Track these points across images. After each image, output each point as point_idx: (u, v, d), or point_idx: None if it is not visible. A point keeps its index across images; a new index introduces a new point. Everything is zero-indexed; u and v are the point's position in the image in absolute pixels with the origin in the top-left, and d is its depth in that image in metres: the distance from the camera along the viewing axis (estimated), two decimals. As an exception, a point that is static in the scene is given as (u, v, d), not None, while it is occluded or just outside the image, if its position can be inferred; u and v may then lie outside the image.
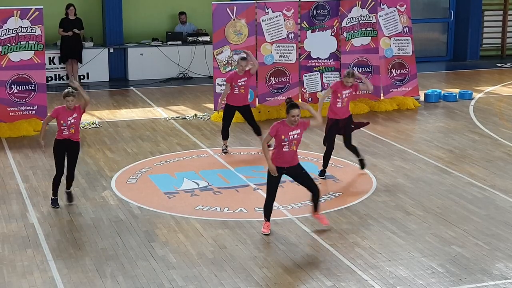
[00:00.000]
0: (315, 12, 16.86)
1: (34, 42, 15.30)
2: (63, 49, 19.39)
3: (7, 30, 15.13)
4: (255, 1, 16.63)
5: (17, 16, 15.15)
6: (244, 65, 13.38)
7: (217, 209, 10.97)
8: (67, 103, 10.67)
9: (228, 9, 16.25)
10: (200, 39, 20.58)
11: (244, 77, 13.40)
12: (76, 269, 8.98)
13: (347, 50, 17.05)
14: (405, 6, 17.55)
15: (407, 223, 10.40)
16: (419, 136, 14.99)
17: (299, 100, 16.88)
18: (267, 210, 10.01)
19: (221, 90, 15.31)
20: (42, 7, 15.49)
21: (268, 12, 16.43)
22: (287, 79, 16.71)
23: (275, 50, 16.60)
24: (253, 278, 8.77)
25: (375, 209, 10.94)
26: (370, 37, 17.25)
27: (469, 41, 23.16)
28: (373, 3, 17.17)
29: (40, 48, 15.37)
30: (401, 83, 17.64)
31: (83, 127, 15.20)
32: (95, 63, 19.99)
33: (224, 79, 14.46)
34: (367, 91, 12.39)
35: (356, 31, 17.10)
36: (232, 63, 16.02)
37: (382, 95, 17.52)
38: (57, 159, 10.93)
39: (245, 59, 13.48)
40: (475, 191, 11.67)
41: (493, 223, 10.39)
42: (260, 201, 10.15)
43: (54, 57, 19.62)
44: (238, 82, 13.37)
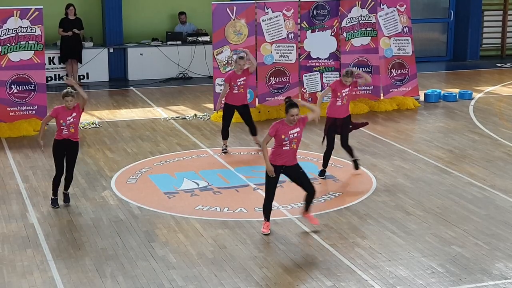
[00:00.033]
0: (315, 12, 16.86)
1: (34, 42, 15.29)
2: (63, 49, 19.38)
3: (7, 30, 15.12)
4: (255, 1, 16.63)
5: (17, 16, 15.14)
6: (242, 64, 13.37)
7: (217, 209, 10.97)
8: (66, 103, 10.70)
9: (228, 9, 16.24)
10: (200, 39, 20.58)
11: (243, 76, 13.40)
12: (76, 269, 8.98)
13: (347, 50, 17.04)
14: (405, 6, 17.55)
15: (407, 223, 10.40)
16: (419, 136, 14.99)
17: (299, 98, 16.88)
18: (266, 209, 10.01)
19: (221, 90, 15.29)
20: (42, 7, 15.49)
21: (268, 12, 16.43)
22: (287, 79, 16.70)
23: (275, 50, 16.60)
24: (253, 278, 8.76)
25: (375, 209, 10.93)
26: (370, 37, 17.24)
27: (469, 41, 23.15)
28: (373, 3, 17.17)
29: (40, 48, 15.36)
30: (401, 83, 17.64)
31: (83, 127, 15.21)
32: (95, 63, 19.99)
33: (223, 79, 14.46)
34: (366, 83, 12.33)
35: (356, 31, 17.09)
36: (232, 63, 16.01)
37: (382, 95, 17.52)
38: (56, 159, 10.94)
39: (243, 58, 13.47)
40: (475, 191, 11.67)
41: (493, 223, 10.39)
42: (260, 201, 10.15)
43: (54, 57, 19.61)
44: (237, 81, 13.37)
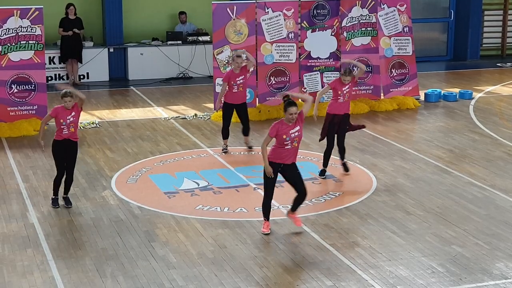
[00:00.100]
0: (315, 11, 16.86)
1: (34, 41, 15.29)
2: (63, 48, 19.38)
3: (7, 29, 15.12)
4: (255, 1, 16.63)
5: (17, 15, 15.14)
6: (239, 62, 13.36)
7: (217, 208, 10.97)
8: (65, 103, 10.68)
9: (228, 9, 16.24)
10: (200, 38, 20.58)
11: (241, 75, 13.39)
12: (76, 269, 8.98)
13: (347, 49, 17.04)
14: (405, 5, 17.55)
15: (407, 222, 10.40)
16: (419, 135, 14.98)
17: (299, 100, 16.86)
18: (265, 209, 10.02)
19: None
20: (42, 6, 15.48)
21: (268, 11, 16.43)
22: (287, 78, 16.70)
23: (275, 49, 16.60)
24: (253, 277, 8.76)
25: (375, 209, 10.93)
26: (370, 37, 17.24)
27: (469, 40, 23.14)
28: (373, 2, 17.16)
29: (40, 47, 15.36)
30: (401, 82, 17.64)
31: (83, 127, 15.21)
32: (95, 63, 19.98)
33: (222, 79, 14.43)
34: (362, 74, 12.29)
35: (356, 31, 17.09)
36: (232, 63, 16.00)
37: (382, 94, 17.52)
38: (57, 160, 10.91)
39: (240, 56, 13.47)
40: (475, 191, 11.66)
41: (493, 222, 10.39)
42: (260, 200, 10.15)
43: (54, 57, 19.61)
44: (236, 80, 13.36)
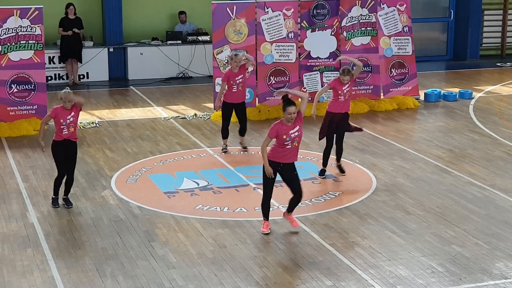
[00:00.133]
0: (315, 11, 16.86)
1: (34, 41, 15.29)
2: (63, 48, 19.38)
3: (7, 29, 15.11)
4: (255, 1, 16.63)
5: (16, 15, 15.14)
6: (238, 61, 13.35)
7: (217, 208, 10.97)
8: (64, 104, 10.66)
9: (228, 9, 16.24)
10: (200, 38, 20.57)
11: (240, 74, 13.38)
12: (76, 269, 8.98)
13: (347, 49, 17.03)
14: (405, 5, 17.54)
15: (407, 222, 10.40)
16: (419, 135, 14.98)
17: (299, 99, 16.85)
18: (264, 208, 10.03)
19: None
20: (41, 6, 15.48)
21: (268, 11, 16.43)
22: (287, 78, 16.70)
23: (275, 49, 16.60)
24: (253, 277, 8.76)
25: (375, 209, 10.93)
26: (370, 37, 17.24)
27: (469, 40, 23.14)
28: (373, 2, 17.16)
29: (39, 47, 15.36)
30: (401, 82, 17.64)
31: (83, 127, 15.21)
32: (95, 63, 19.98)
33: (221, 78, 14.42)
34: (359, 71, 12.28)
35: (356, 31, 17.09)
36: (230, 62, 15.98)
37: (382, 94, 17.52)
38: (58, 161, 10.88)
39: (238, 55, 13.47)
40: (475, 191, 11.66)
41: (493, 222, 10.39)
42: (260, 200, 10.15)
43: (54, 57, 19.61)
44: (235, 79, 13.34)
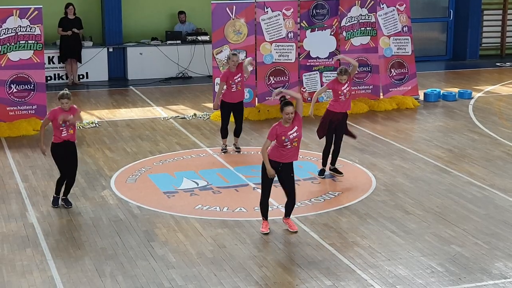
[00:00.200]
0: (314, 11, 16.86)
1: (33, 41, 15.29)
2: (62, 48, 19.38)
3: (6, 29, 15.11)
4: (254, 1, 16.63)
5: (16, 15, 15.14)
6: (235, 60, 13.35)
7: (216, 208, 10.97)
8: (62, 105, 10.60)
9: (227, 9, 16.24)
10: (199, 38, 20.57)
11: (238, 73, 13.36)
12: (75, 269, 8.98)
13: (347, 49, 17.03)
14: (405, 5, 17.54)
15: (406, 222, 10.40)
16: (419, 135, 14.99)
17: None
18: (263, 208, 10.04)
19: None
20: (41, 6, 15.48)
21: (267, 11, 16.42)
22: (286, 78, 16.71)
23: (275, 49, 16.60)
24: (253, 277, 8.76)
25: (375, 209, 10.93)
26: (369, 37, 17.24)
27: (469, 40, 23.15)
28: (373, 2, 17.16)
29: (39, 47, 15.36)
30: (401, 82, 17.64)
31: (83, 127, 15.20)
32: (94, 63, 19.98)
33: (219, 78, 14.40)
34: (355, 69, 12.26)
35: (355, 31, 17.09)
36: (228, 61, 15.98)
37: (381, 94, 17.52)
38: (59, 163, 10.85)
39: (236, 55, 13.48)
40: (474, 191, 11.67)
41: (492, 222, 10.39)
42: (259, 200, 10.15)
43: (53, 57, 19.60)
44: (234, 79, 13.32)
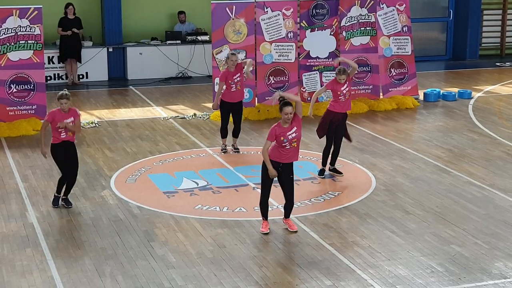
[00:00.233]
0: (314, 11, 16.86)
1: (33, 41, 15.29)
2: (62, 48, 19.38)
3: (6, 29, 15.11)
4: (254, 1, 16.62)
5: (16, 15, 15.13)
6: (234, 59, 13.33)
7: (216, 208, 10.97)
8: (61, 106, 10.56)
9: (227, 8, 16.24)
10: (199, 38, 20.57)
11: (237, 73, 13.35)
12: (75, 269, 8.98)
13: (346, 49, 17.04)
14: (404, 5, 17.55)
15: (406, 222, 10.40)
16: (419, 135, 14.99)
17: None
18: (263, 208, 10.05)
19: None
20: (41, 6, 15.47)
21: (267, 11, 16.43)
22: (286, 78, 16.71)
23: (274, 49, 16.60)
24: (253, 277, 8.76)
25: (375, 208, 10.93)
26: (369, 36, 17.25)
27: (469, 40, 23.16)
28: (372, 2, 17.17)
29: (39, 47, 15.35)
30: (401, 82, 17.64)
31: (82, 127, 15.19)
32: (94, 63, 19.97)
33: (218, 78, 14.39)
34: (355, 71, 12.23)
35: (355, 30, 17.09)
36: (227, 60, 15.98)
37: (381, 94, 17.52)
38: (59, 163, 10.83)
39: (235, 54, 13.48)
40: (474, 190, 11.67)
41: (492, 222, 10.39)
42: (259, 200, 10.15)
43: (53, 57, 19.60)
44: (233, 79, 13.31)
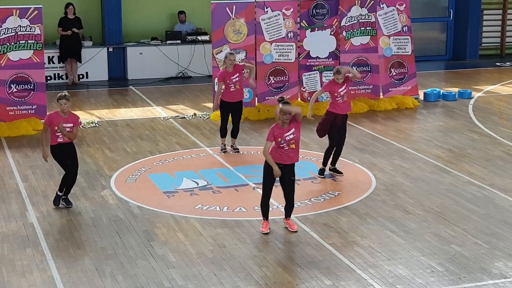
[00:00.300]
0: (314, 11, 16.86)
1: (33, 41, 15.29)
2: (62, 48, 19.38)
3: (6, 29, 15.11)
4: (254, 0, 16.62)
5: (16, 15, 15.13)
6: (232, 59, 13.33)
7: (216, 208, 10.97)
8: (60, 106, 10.55)
9: (227, 8, 16.24)
10: (199, 38, 20.57)
11: (236, 73, 13.34)
12: (75, 269, 8.98)
13: (346, 49, 17.04)
14: (404, 5, 17.54)
15: (406, 222, 10.40)
16: (419, 135, 14.99)
17: (298, 99, 16.89)
18: (264, 208, 10.05)
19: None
20: (41, 6, 15.47)
21: (267, 11, 16.42)
22: (286, 78, 16.70)
23: (275, 49, 16.59)
24: (253, 277, 8.76)
25: (375, 208, 10.93)
26: (369, 36, 17.24)
27: (469, 40, 23.16)
28: (372, 2, 17.16)
29: (39, 47, 15.35)
30: (401, 82, 17.64)
31: (82, 127, 15.20)
32: (94, 62, 19.97)
33: (217, 78, 14.36)
34: (356, 79, 12.22)
35: (355, 30, 17.09)
36: (225, 60, 15.97)
37: (381, 94, 17.52)
38: (60, 162, 10.83)
39: (233, 54, 13.48)
40: (474, 190, 11.67)
41: (492, 222, 10.39)
42: (259, 200, 10.15)
43: (53, 56, 19.59)
44: (232, 79, 13.30)
